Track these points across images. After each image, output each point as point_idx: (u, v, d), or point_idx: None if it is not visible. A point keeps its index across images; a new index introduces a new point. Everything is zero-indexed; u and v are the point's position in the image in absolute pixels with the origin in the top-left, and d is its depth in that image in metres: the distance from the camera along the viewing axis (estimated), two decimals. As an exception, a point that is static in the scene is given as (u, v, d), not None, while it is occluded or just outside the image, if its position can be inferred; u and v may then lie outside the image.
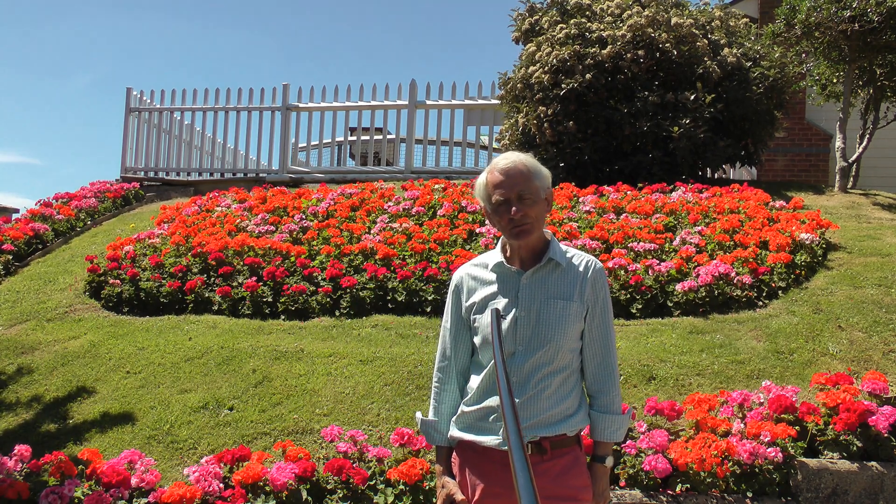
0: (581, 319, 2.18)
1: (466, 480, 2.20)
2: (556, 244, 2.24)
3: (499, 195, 2.17)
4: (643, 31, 8.02)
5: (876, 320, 4.86)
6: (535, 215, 2.16)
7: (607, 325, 2.22)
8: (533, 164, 2.21)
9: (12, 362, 5.18)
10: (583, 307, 2.18)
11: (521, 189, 2.15)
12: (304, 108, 10.90)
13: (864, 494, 3.49)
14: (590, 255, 2.27)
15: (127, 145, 11.38)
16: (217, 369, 4.73)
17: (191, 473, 3.44)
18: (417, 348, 4.80)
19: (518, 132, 8.47)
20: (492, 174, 2.20)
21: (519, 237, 2.18)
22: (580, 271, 2.20)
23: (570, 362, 2.18)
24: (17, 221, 8.20)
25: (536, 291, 2.18)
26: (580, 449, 2.20)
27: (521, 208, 2.14)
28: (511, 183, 2.16)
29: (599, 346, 2.21)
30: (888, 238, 6.26)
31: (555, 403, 2.14)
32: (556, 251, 2.21)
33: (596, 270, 2.22)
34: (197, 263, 6.23)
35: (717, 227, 6.11)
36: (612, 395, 2.21)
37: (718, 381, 4.28)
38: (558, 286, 2.18)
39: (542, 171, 2.22)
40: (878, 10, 7.36)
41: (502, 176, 2.17)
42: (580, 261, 2.22)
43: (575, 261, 2.22)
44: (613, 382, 2.22)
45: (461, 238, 6.33)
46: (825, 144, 10.52)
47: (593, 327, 2.20)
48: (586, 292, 2.18)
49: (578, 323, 2.17)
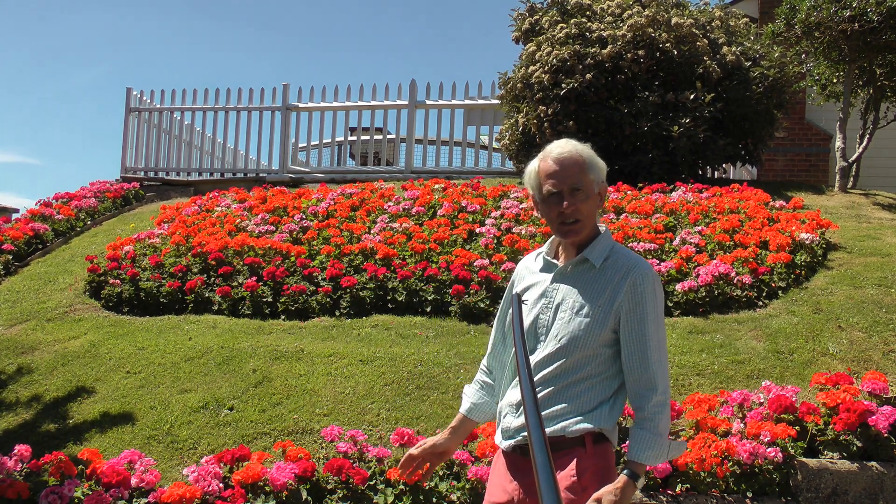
0: (606, 327, 2.02)
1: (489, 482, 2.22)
2: (602, 242, 2.08)
3: (550, 185, 2.03)
4: (643, 30, 8.02)
5: (876, 320, 4.86)
6: (586, 211, 2.04)
7: (646, 337, 2.01)
8: (589, 155, 2.07)
9: (12, 362, 5.18)
10: (610, 315, 2.01)
11: (574, 181, 2.01)
12: (304, 108, 10.90)
13: (864, 494, 3.49)
14: (639, 260, 2.07)
15: (127, 145, 11.38)
16: (217, 369, 4.73)
17: (190, 473, 3.44)
18: (417, 348, 4.80)
19: (518, 132, 8.48)
20: (545, 162, 2.06)
21: (567, 236, 2.07)
22: (616, 276, 2.03)
23: (591, 369, 2.04)
24: (17, 221, 8.20)
25: (565, 290, 2.07)
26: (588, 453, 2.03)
27: (572, 202, 2.01)
28: (565, 174, 2.02)
29: (637, 359, 2.02)
30: (888, 238, 6.26)
31: (554, 403, 2.04)
32: (596, 250, 2.06)
33: (636, 277, 2.02)
34: (197, 263, 6.23)
35: (717, 227, 6.11)
36: (651, 412, 2.00)
37: (718, 381, 4.28)
38: (587, 287, 2.05)
39: (598, 163, 2.07)
40: (878, 10, 7.36)
41: (556, 165, 2.03)
42: (623, 264, 2.04)
43: (616, 263, 2.05)
44: (655, 400, 2.00)
45: (461, 238, 6.33)
46: (825, 144, 10.52)
47: (629, 339, 2.02)
48: (618, 299, 2.01)
49: (602, 330, 2.02)
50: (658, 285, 2.06)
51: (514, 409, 2.10)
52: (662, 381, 2.01)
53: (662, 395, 2.01)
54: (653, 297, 2.03)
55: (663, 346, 2.05)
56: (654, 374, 2.01)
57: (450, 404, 4.19)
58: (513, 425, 2.09)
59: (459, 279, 5.52)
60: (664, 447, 2.00)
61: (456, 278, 5.53)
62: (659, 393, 2.00)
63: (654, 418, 2.00)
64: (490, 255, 5.88)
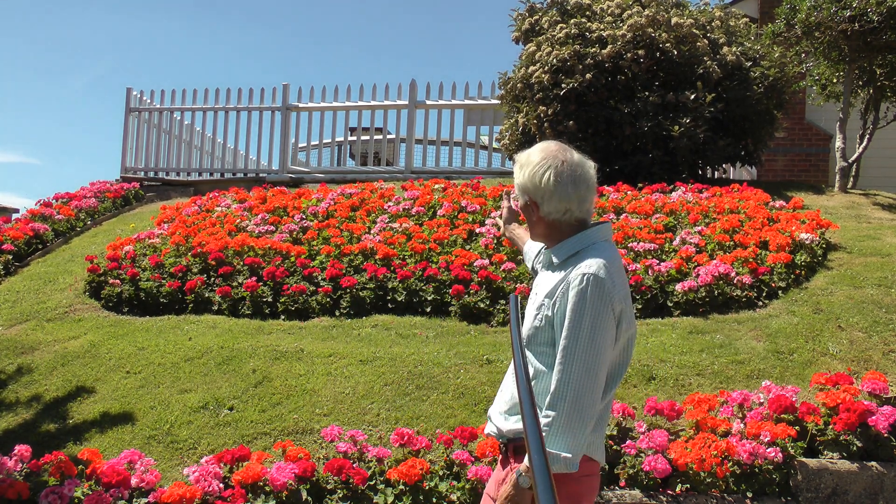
0: (551, 326, 1.99)
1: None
2: (573, 241, 2.05)
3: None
4: (643, 30, 8.02)
5: (876, 320, 4.86)
6: (525, 217, 2.13)
7: (567, 343, 1.92)
8: (520, 158, 2.12)
9: (12, 362, 5.18)
10: (551, 312, 1.99)
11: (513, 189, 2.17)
12: (304, 108, 10.90)
13: (864, 494, 3.49)
14: (587, 264, 1.97)
15: (127, 145, 11.38)
16: (217, 369, 4.73)
17: (191, 473, 3.44)
18: (417, 348, 4.80)
19: (518, 132, 8.48)
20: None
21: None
22: (566, 276, 1.99)
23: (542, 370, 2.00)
24: (17, 221, 8.20)
25: (536, 285, 2.14)
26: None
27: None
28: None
29: (557, 360, 1.94)
30: (888, 238, 6.26)
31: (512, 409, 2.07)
32: (564, 247, 2.05)
33: (571, 278, 1.96)
34: (197, 263, 6.23)
35: (717, 227, 6.11)
36: (550, 418, 1.91)
37: (718, 381, 4.28)
38: (546, 284, 2.06)
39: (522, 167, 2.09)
40: (878, 10, 7.36)
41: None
42: (575, 265, 2.00)
43: (571, 262, 2.02)
44: (555, 405, 1.90)
45: (461, 238, 6.33)
46: (825, 144, 10.52)
47: (558, 342, 1.96)
48: (556, 297, 1.99)
49: (546, 329, 2.00)
50: (593, 292, 1.93)
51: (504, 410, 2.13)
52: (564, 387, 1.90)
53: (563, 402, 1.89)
54: (579, 303, 1.92)
55: (587, 355, 1.91)
56: (565, 379, 1.91)
57: (450, 404, 4.19)
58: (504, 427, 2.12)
59: (459, 279, 5.52)
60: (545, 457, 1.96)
61: (456, 278, 5.53)
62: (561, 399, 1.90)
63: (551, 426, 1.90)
64: (490, 255, 5.88)
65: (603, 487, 3.47)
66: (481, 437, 3.61)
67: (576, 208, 2.05)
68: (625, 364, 2.06)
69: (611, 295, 1.94)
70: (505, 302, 5.36)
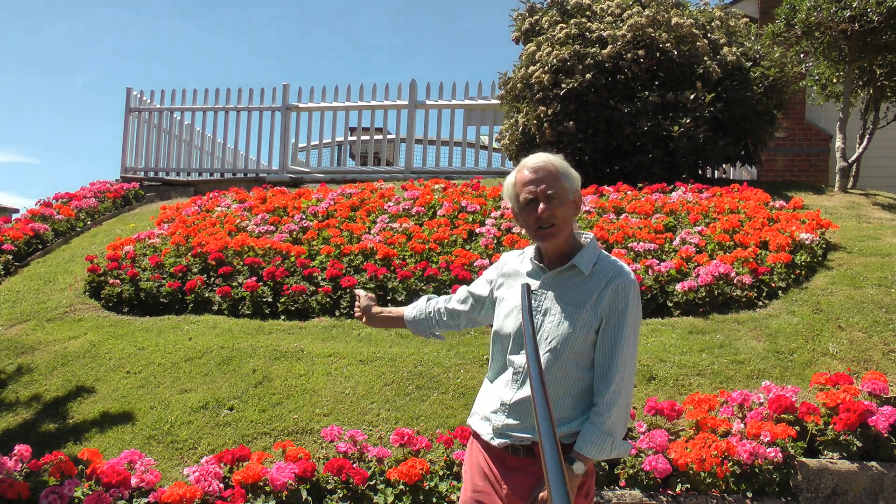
0: (592, 331, 2.10)
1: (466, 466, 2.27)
2: (589, 251, 2.17)
3: (527, 193, 2.13)
4: (643, 30, 8.02)
5: (876, 320, 4.85)
6: (561, 216, 2.12)
7: (618, 340, 2.09)
8: (562, 164, 2.17)
9: (12, 362, 5.18)
10: (595, 318, 2.10)
11: (548, 188, 2.11)
12: (304, 108, 10.90)
13: (864, 494, 3.49)
14: (623, 268, 2.15)
15: (127, 145, 11.38)
16: (217, 369, 4.73)
17: (191, 473, 3.44)
18: (417, 348, 4.80)
19: (518, 132, 8.47)
20: (521, 173, 2.17)
21: (544, 240, 2.15)
22: (602, 281, 2.12)
23: (578, 376, 2.11)
24: (17, 221, 8.20)
25: (553, 294, 2.15)
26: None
27: (548, 207, 2.10)
28: (540, 181, 2.12)
29: (605, 359, 2.10)
30: (888, 238, 6.26)
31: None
32: (584, 257, 2.15)
33: (618, 283, 2.11)
34: (197, 263, 6.23)
35: (717, 227, 6.11)
36: (601, 408, 2.07)
37: (718, 381, 4.28)
38: (575, 293, 2.13)
39: (571, 172, 2.17)
40: (878, 10, 7.36)
41: (532, 174, 2.14)
42: (609, 271, 2.13)
43: (602, 270, 2.14)
44: (607, 396, 2.07)
45: (461, 238, 6.33)
46: (825, 144, 10.52)
47: (605, 339, 2.10)
48: (602, 303, 2.10)
49: (588, 334, 2.10)
50: (637, 294, 2.15)
51: (505, 407, 2.16)
52: (619, 381, 2.08)
53: (615, 394, 2.07)
54: (633, 305, 2.12)
55: (632, 353, 2.11)
56: (614, 374, 2.08)
57: (450, 404, 4.19)
58: (501, 423, 2.16)
59: (459, 279, 5.52)
60: (606, 443, 2.06)
61: (456, 278, 5.53)
62: (611, 390, 2.07)
63: (602, 413, 2.06)
64: (490, 256, 5.88)
65: (603, 487, 3.47)
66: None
67: None
68: None
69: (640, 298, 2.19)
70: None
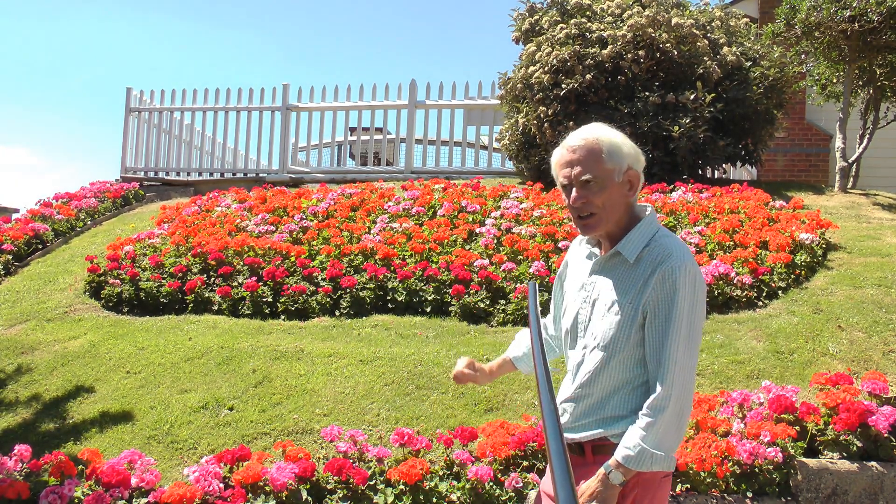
0: (637, 327, 1.87)
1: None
2: (638, 233, 1.91)
3: (562, 177, 1.91)
4: (644, 31, 8.02)
5: (876, 320, 4.85)
6: (601, 203, 1.88)
7: (667, 335, 1.84)
8: (608, 140, 1.89)
9: (12, 362, 5.18)
10: (638, 313, 1.87)
11: (585, 171, 1.86)
12: (304, 108, 10.89)
13: (864, 494, 3.49)
14: (675, 250, 1.86)
15: (127, 145, 11.38)
16: (217, 369, 4.73)
17: (191, 473, 3.44)
18: (417, 348, 4.80)
19: (518, 132, 8.47)
20: (561, 150, 1.93)
21: (584, 231, 1.94)
22: (648, 269, 1.86)
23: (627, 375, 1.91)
24: (17, 221, 8.20)
25: (601, 284, 1.95)
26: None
27: (582, 195, 1.88)
28: (575, 163, 1.88)
29: (654, 357, 1.86)
30: (888, 238, 6.26)
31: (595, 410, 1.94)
32: (630, 242, 1.90)
33: (666, 270, 1.84)
34: (197, 263, 6.23)
35: (717, 228, 6.11)
36: (647, 412, 1.84)
37: (718, 381, 4.28)
38: (620, 282, 1.91)
39: (620, 149, 1.89)
40: (878, 10, 7.35)
41: (569, 154, 1.90)
42: (656, 256, 1.86)
43: (651, 255, 1.88)
44: (653, 401, 1.83)
45: (461, 238, 6.33)
46: (825, 144, 10.52)
47: (652, 336, 1.86)
48: (646, 295, 1.86)
49: (633, 329, 1.88)
50: (696, 280, 1.86)
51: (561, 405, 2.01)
52: (669, 385, 1.82)
53: (663, 399, 1.82)
54: (684, 292, 1.83)
55: (687, 352, 1.85)
56: (664, 375, 1.83)
57: (450, 404, 4.19)
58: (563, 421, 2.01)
59: (459, 279, 5.52)
60: (645, 455, 1.82)
61: (456, 278, 5.53)
62: (659, 395, 1.83)
63: (644, 418, 1.84)
64: (490, 256, 5.88)
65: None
66: (481, 438, 3.61)
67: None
68: None
69: (703, 285, 1.89)
70: (505, 302, 5.36)
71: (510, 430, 3.63)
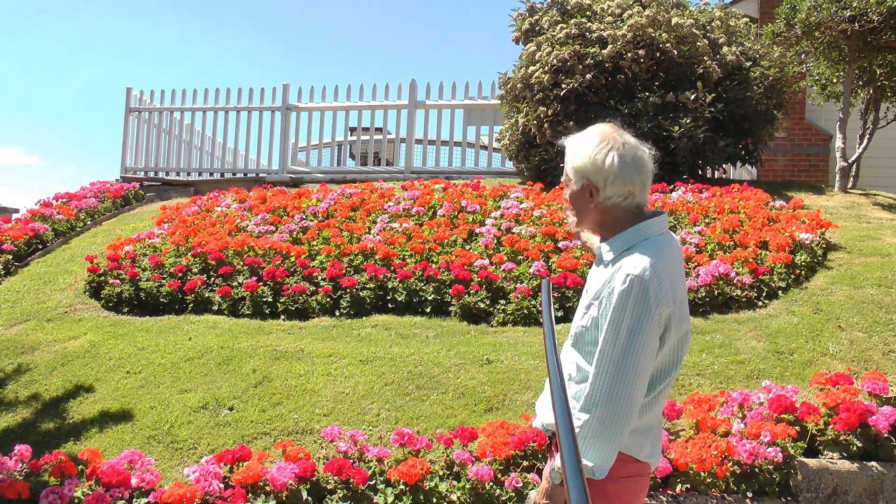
0: (596, 327, 1.88)
1: None
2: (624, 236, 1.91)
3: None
4: (644, 30, 8.02)
5: (876, 320, 4.85)
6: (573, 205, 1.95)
7: (604, 347, 1.82)
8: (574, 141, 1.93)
9: (12, 362, 5.18)
10: (598, 315, 1.87)
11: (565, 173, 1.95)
12: (304, 108, 10.90)
13: (864, 494, 3.49)
14: (635, 262, 1.83)
15: (127, 145, 11.38)
16: (217, 369, 4.73)
17: (191, 473, 3.44)
18: (417, 348, 4.80)
19: (518, 132, 8.48)
20: None
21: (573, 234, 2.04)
22: (611, 275, 1.87)
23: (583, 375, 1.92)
24: (17, 221, 8.20)
25: (588, 283, 2.00)
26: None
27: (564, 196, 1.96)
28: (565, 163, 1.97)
29: (593, 364, 1.84)
30: (888, 238, 6.26)
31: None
32: (612, 243, 1.92)
33: (616, 278, 1.84)
34: (197, 263, 6.23)
35: (717, 228, 6.11)
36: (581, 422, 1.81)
37: (718, 381, 4.28)
38: (595, 283, 1.94)
39: (579, 149, 1.92)
40: (878, 10, 7.35)
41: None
42: (620, 264, 1.86)
43: (619, 262, 1.88)
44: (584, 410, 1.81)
45: (461, 238, 6.33)
46: (825, 144, 10.52)
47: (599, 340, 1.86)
48: (603, 300, 1.86)
49: (593, 330, 1.89)
50: (635, 296, 1.80)
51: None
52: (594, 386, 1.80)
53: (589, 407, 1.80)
54: (619, 299, 1.80)
55: (625, 357, 1.79)
56: (594, 380, 1.81)
57: (450, 404, 4.19)
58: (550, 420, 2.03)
59: (459, 279, 5.52)
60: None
61: (456, 278, 5.53)
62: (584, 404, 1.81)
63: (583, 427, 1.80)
64: (490, 256, 5.88)
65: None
66: (481, 438, 3.61)
67: (638, 193, 1.91)
68: (677, 362, 1.93)
69: (657, 298, 1.80)
70: (505, 302, 5.36)
71: (510, 430, 3.63)
